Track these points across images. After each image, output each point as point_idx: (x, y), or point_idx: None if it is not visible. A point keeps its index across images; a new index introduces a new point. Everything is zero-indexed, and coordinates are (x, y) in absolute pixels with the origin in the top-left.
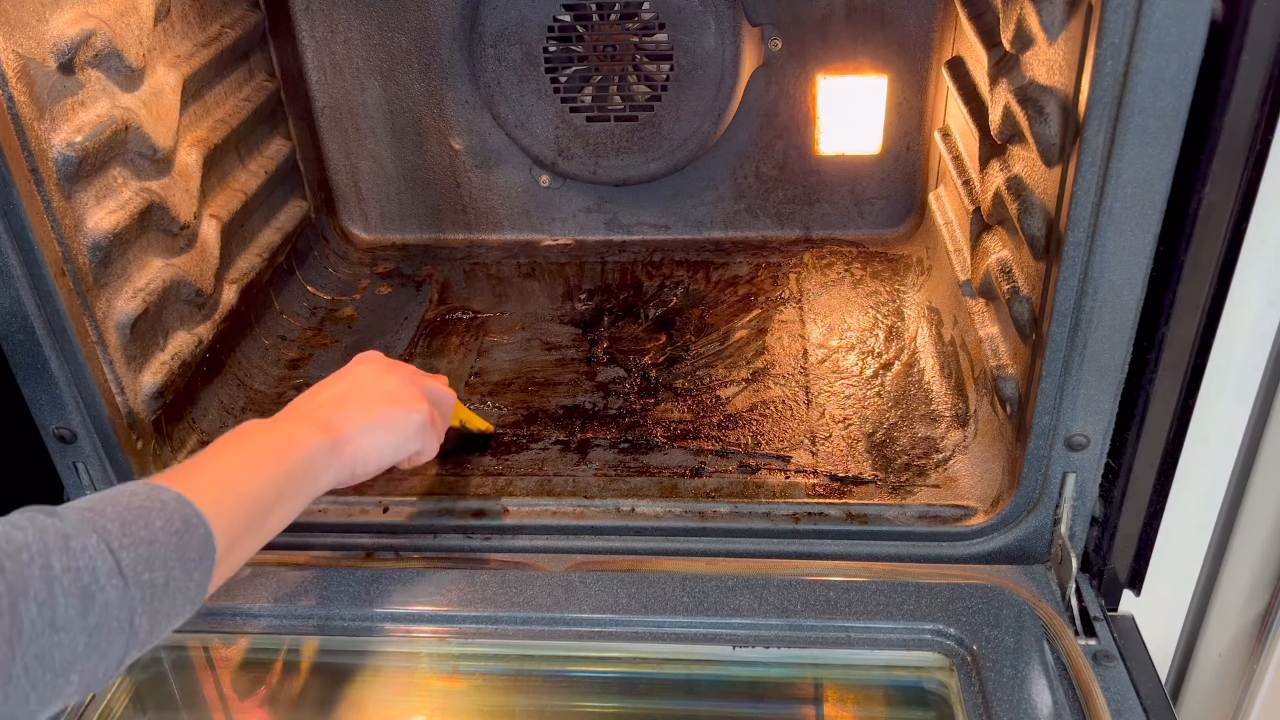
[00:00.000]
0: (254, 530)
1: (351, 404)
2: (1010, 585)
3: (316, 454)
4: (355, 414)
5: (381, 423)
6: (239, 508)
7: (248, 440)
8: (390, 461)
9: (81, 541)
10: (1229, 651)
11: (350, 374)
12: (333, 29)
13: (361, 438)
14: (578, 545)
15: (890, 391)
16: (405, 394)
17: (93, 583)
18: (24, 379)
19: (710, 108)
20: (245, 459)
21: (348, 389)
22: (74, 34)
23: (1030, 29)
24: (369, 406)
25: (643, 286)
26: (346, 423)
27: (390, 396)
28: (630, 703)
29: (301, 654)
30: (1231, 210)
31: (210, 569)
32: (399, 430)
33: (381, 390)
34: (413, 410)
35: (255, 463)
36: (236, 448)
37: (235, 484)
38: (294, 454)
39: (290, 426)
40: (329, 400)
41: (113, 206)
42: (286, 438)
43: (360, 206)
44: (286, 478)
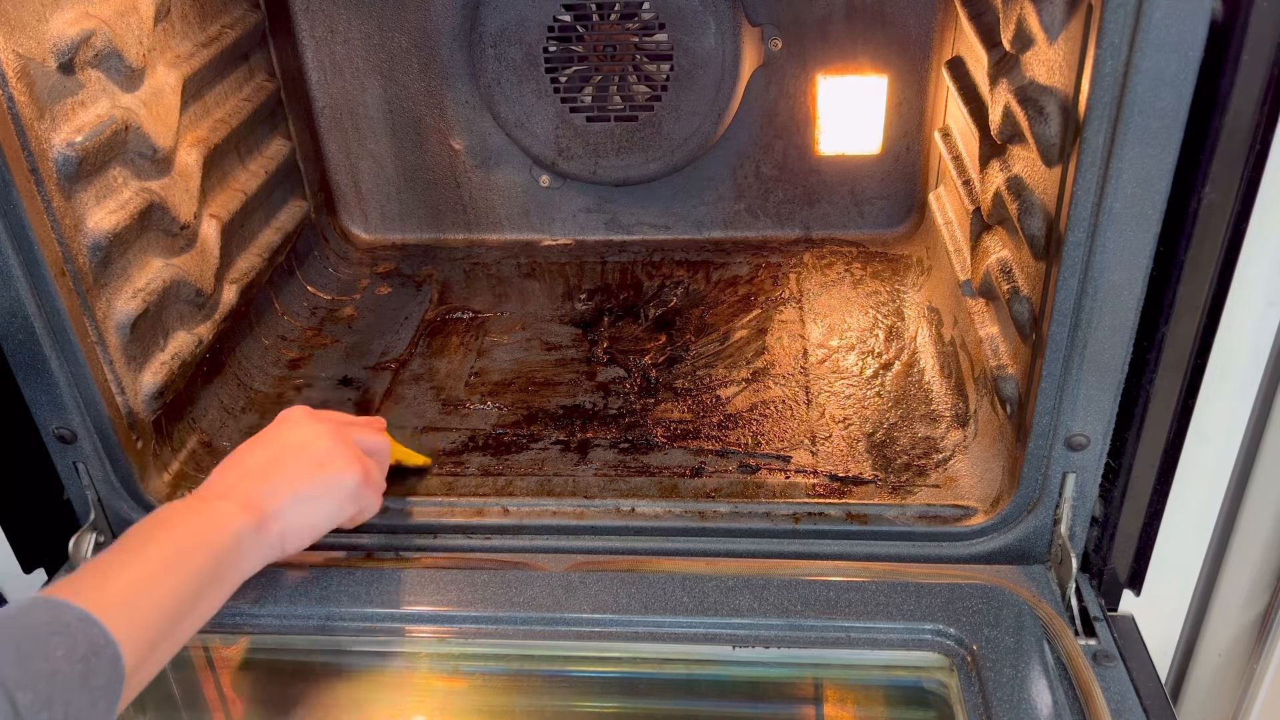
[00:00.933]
0: (171, 636)
1: (277, 475)
2: (1010, 585)
3: (242, 538)
4: (282, 486)
5: (312, 492)
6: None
7: (167, 530)
8: (325, 530)
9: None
10: (1229, 651)
11: (275, 438)
12: (333, 29)
13: (290, 512)
14: (578, 545)
15: (890, 391)
16: (336, 455)
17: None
18: (24, 379)
19: (710, 108)
20: (164, 555)
21: (273, 456)
22: (74, 34)
23: (1030, 29)
24: (297, 476)
25: (643, 286)
26: (274, 497)
27: (320, 461)
28: (630, 703)
29: (301, 654)
30: (1231, 210)
31: (118, 694)
32: (332, 497)
33: (310, 456)
34: (346, 473)
35: (175, 558)
36: (154, 541)
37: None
38: (218, 541)
39: (213, 508)
40: (253, 471)
41: (113, 206)
42: (209, 524)
43: (360, 206)
44: (210, 571)
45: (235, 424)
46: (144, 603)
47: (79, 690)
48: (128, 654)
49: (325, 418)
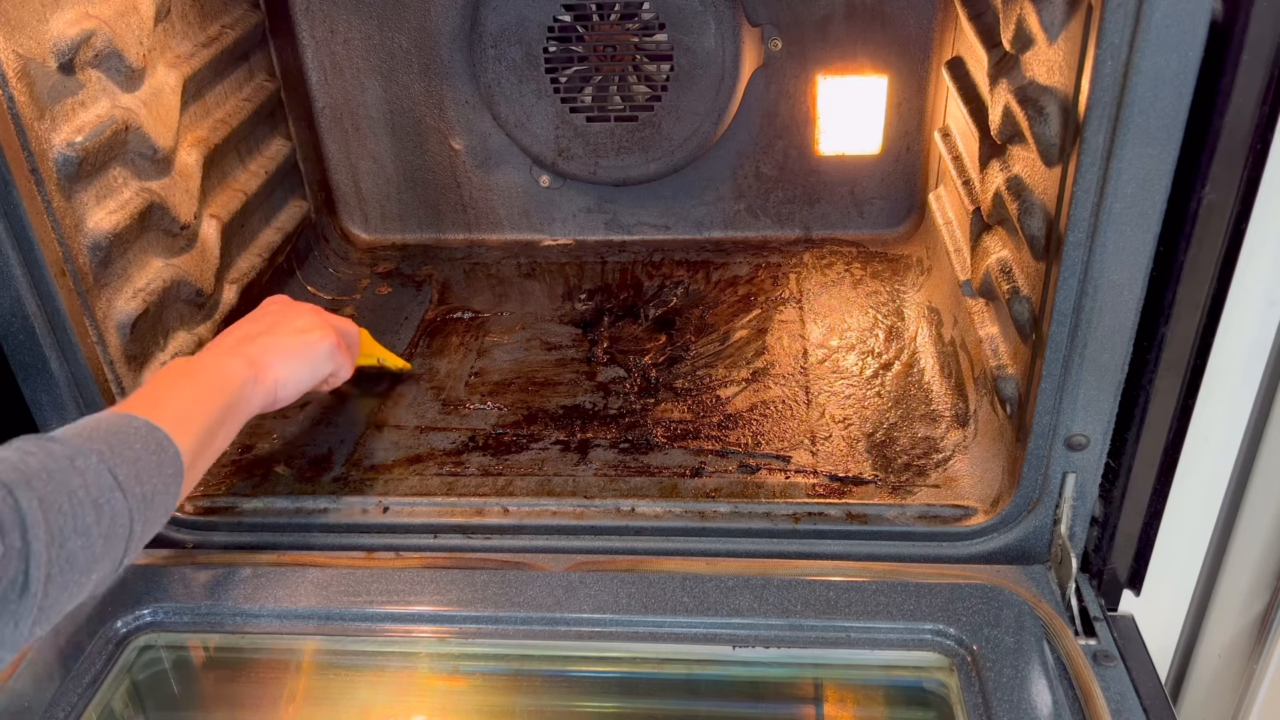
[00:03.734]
0: (205, 452)
1: (268, 338)
2: (1010, 585)
3: (246, 385)
4: (272, 347)
5: (296, 352)
6: (194, 434)
7: (189, 376)
8: (308, 384)
9: (85, 461)
10: (1229, 651)
11: (264, 314)
12: (333, 29)
13: (280, 367)
14: (578, 545)
15: (890, 391)
16: (312, 325)
17: (100, 495)
18: (24, 379)
19: (710, 108)
20: (192, 393)
21: (263, 327)
22: (74, 34)
23: (1030, 29)
24: (283, 340)
25: (643, 286)
26: (265, 354)
27: (301, 329)
28: (630, 703)
29: (301, 654)
30: (1231, 210)
31: (181, 483)
32: (312, 356)
33: (293, 325)
34: (322, 338)
35: (200, 396)
36: (181, 382)
37: (188, 414)
38: (229, 386)
39: (220, 361)
40: (246, 337)
41: (113, 206)
42: (220, 372)
43: (360, 206)
44: (226, 408)
45: None
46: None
47: (157, 473)
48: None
49: (303, 303)
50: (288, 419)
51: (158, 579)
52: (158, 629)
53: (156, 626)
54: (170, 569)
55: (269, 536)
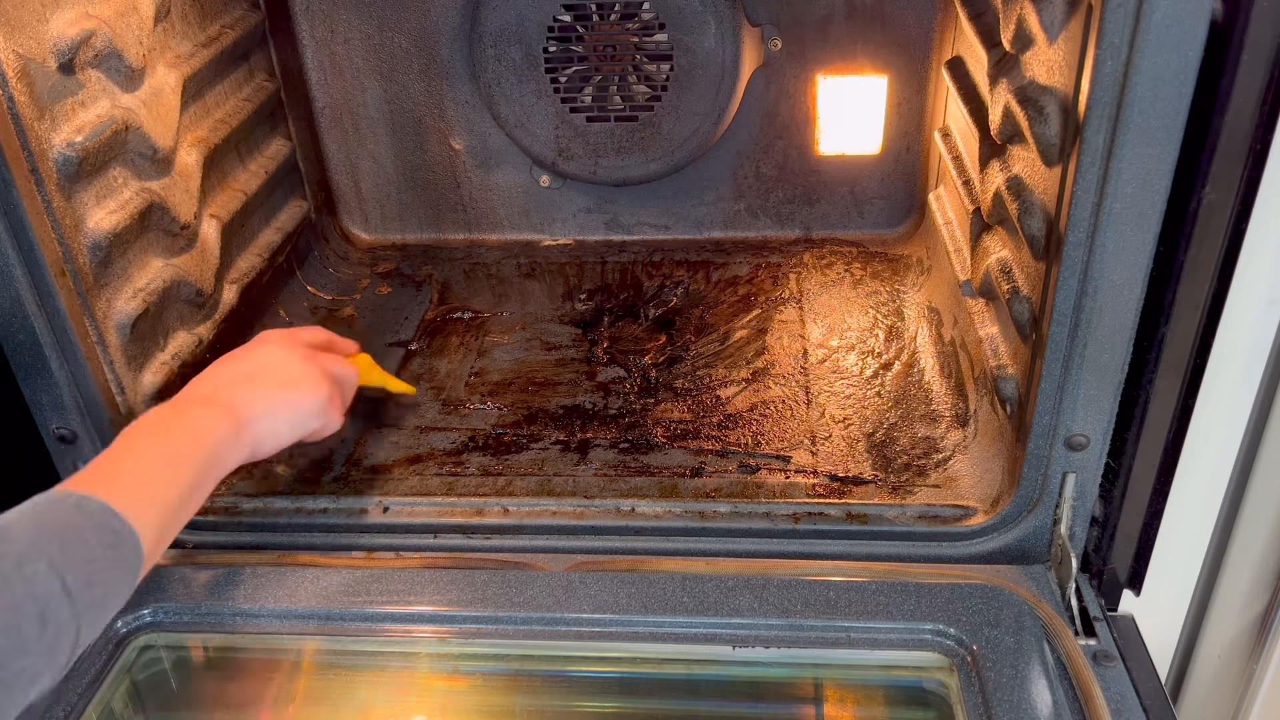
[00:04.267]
0: (173, 525)
1: (251, 387)
2: (1010, 585)
3: (223, 441)
4: (256, 398)
5: (281, 407)
6: (160, 507)
7: (159, 433)
8: (288, 442)
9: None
10: (1229, 651)
11: (252, 355)
12: (333, 29)
13: (261, 422)
14: (578, 545)
15: (890, 391)
16: (304, 377)
17: (46, 608)
18: (24, 379)
19: (710, 108)
20: (160, 455)
21: (249, 371)
22: (74, 34)
23: (1030, 29)
24: (269, 391)
25: (643, 286)
26: (248, 407)
27: (290, 381)
28: (630, 703)
29: (301, 654)
30: (1231, 210)
31: (139, 573)
32: (297, 413)
33: (282, 375)
34: (312, 393)
35: (171, 458)
36: (149, 441)
37: (154, 484)
38: (205, 443)
39: (197, 413)
40: (231, 381)
41: (113, 206)
42: (195, 427)
43: (360, 206)
44: (199, 470)
45: None
46: (149, 497)
47: (112, 571)
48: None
49: (299, 341)
50: None
51: (158, 579)
52: (158, 629)
53: (156, 626)
54: (170, 569)
55: (269, 536)
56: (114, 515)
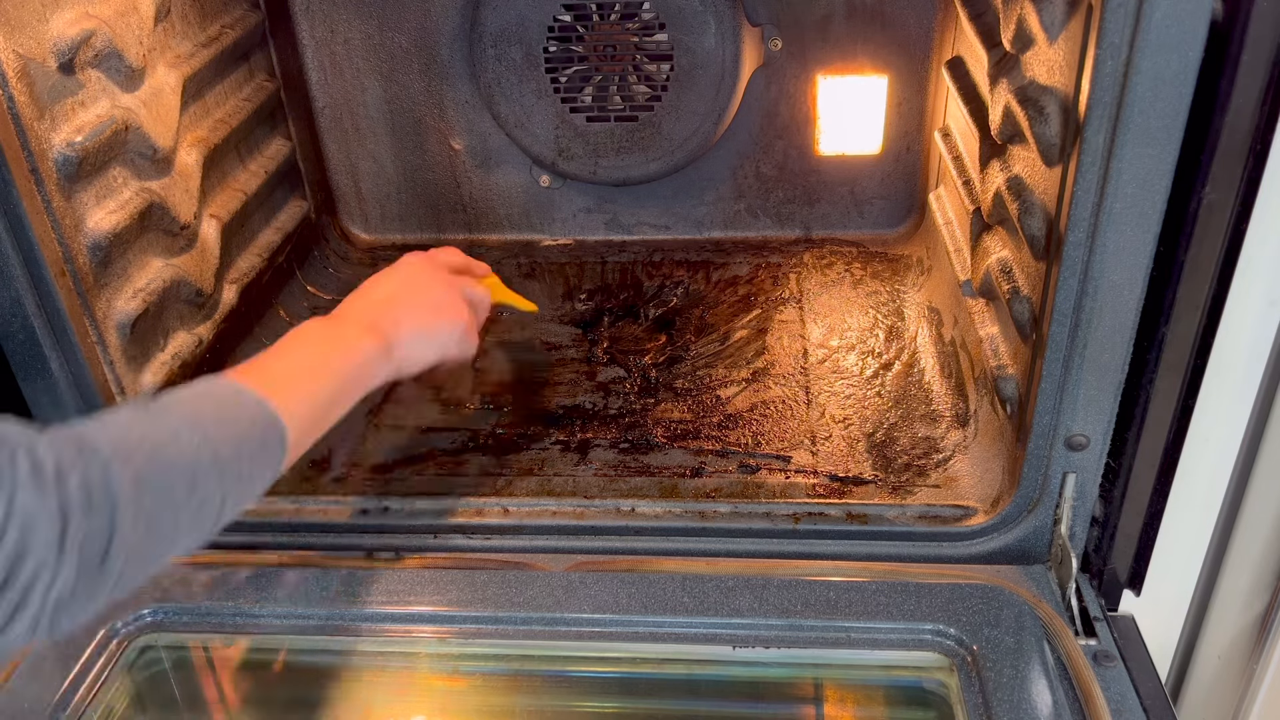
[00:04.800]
0: (317, 426)
1: (401, 309)
2: (1010, 585)
3: (372, 357)
4: (405, 320)
5: (427, 330)
6: (306, 407)
7: (313, 341)
8: (431, 364)
9: (188, 438)
10: (1229, 651)
11: (398, 276)
12: (333, 29)
13: (409, 343)
14: (578, 545)
15: (890, 391)
16: (448, 303)
17: (196, 475)
18: (24, 379)
19: (710, 108)
20: (312, 360)
21: (396, 293)
22: (74, 34)
23: (1030, 29)
24: (417, 314)
25: (643, 286)
26: (397, 329)
27: (436, 306)
28: (630, 703)
29: (301, 654)
30: (1231, 210)
31: (281, 463)
32: (442, 338)
33: (428, 299)
34: (455, 320)
35: (321, 364)
36: (303, 347)
37: (304, 385)
38: (354, 357)
39: (350, 329)
40: (381, 302)
41: (113, 206)
42: (348, 341)
43: (360, 206)
44: (346, 379)
45: None
46: (299, 396)
47: (259, 454)
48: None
49: (440, 265)
50: None
51: (158, 579)
52: (158, 629)
53: (156, 626)
54: (170, 569)
55: (269, 536)
56: (266, 407)
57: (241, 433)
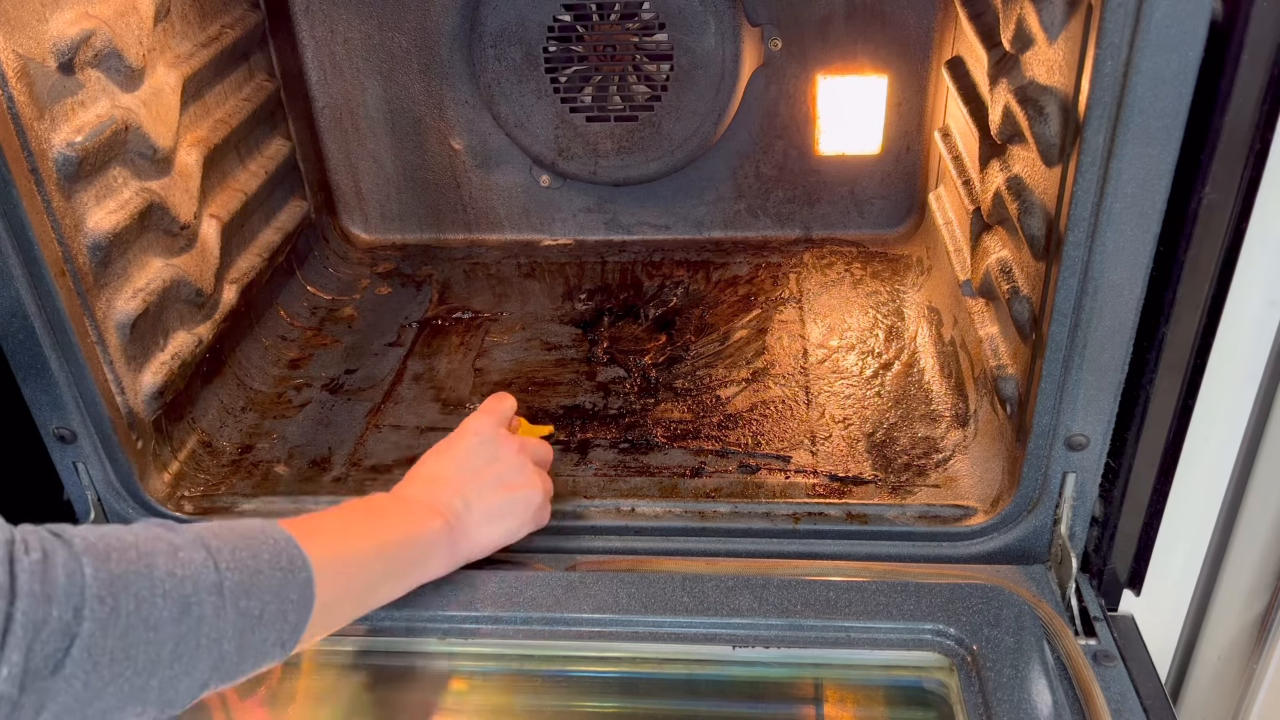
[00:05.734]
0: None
1: (471, 490)
2: (1010, 585)
3: (434, 542)
4: (476, 502)
5: (501, 513)
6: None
7: (372, 511)
8: (501, 546)
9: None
10: (1229, 652)
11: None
12: (333, 29)
13: (479, 529)
14: (578, 545)
15: (890, 391)
16: (523, 478)
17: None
18: (24, 379)
19: (710, 108)
20: (364, 527)
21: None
22: (74, 34)
23: (1030, 29)
24: (487, 494)
25: (643, 286)
26: (467, 512)
27: (508, 482)
28: (630, 703)
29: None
30: (1232, 210)
31: (307, 617)
32: (516, 517)
33: (499, 475)
34: (531, 493)
35: (373, 533)
36: (360, 514)
37: (348, 547)
38: (416, 537)
39: (415, 507)
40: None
41: (113, 206)
42: (411, 518)
43: (360, 206)
44: (398, 557)
45: (235, 424)
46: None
47: (275, 594)
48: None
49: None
50: (287, 419)
51: None
52: None
53: None
54: None
55: None
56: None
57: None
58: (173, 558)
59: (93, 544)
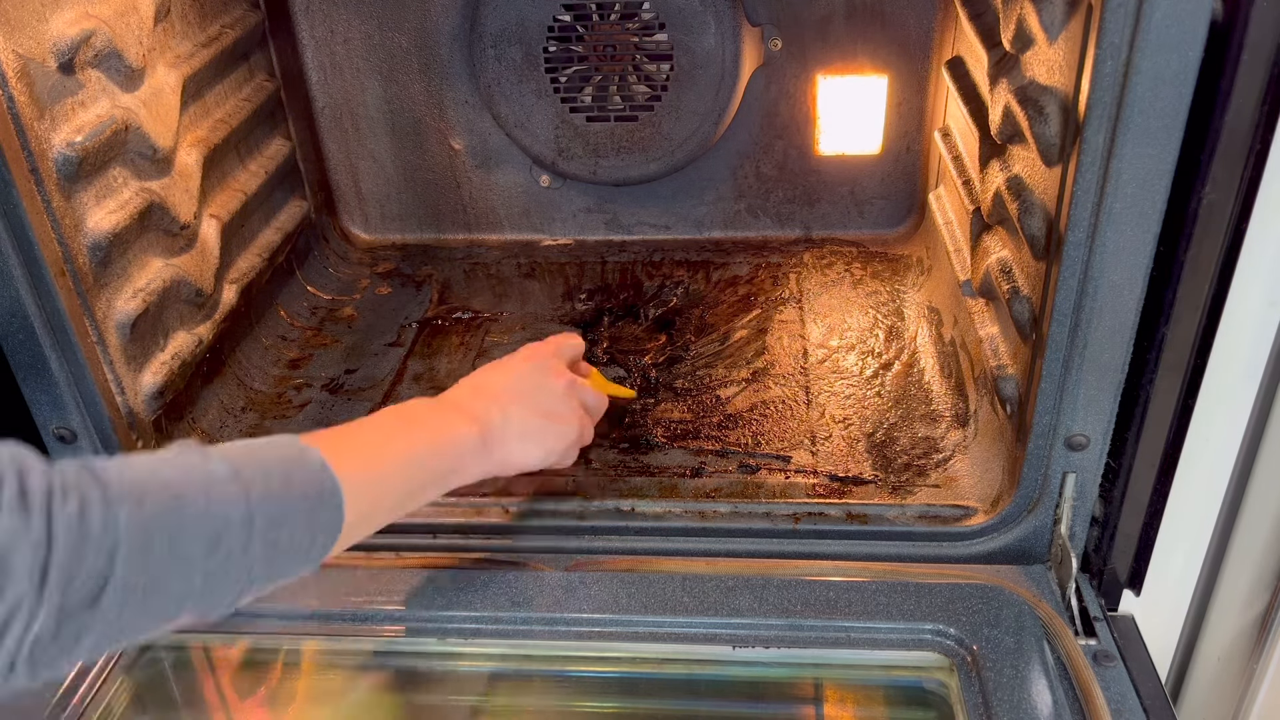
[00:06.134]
0: (386, 509)
1: (514, 407)
2: (1010, 585)
3: (469, 449)
4: (515, 419)
5: (536, 435)
6: (378, 486)
7: (409, 421)
8: (532, 468)
9: (222, 490)
10: (1229, 652)
11: (519, 370)
12: (333, 29)
13: (514, 444)
14: (578, 545)
15: (890, 391)
16: (564, 412)
17: (224, 529)
18: (24, 379)
19: (710, 108)
20: (398, 440)
21: (513, 387)
22: (74, 34)
23: (1030, 29)
24: (527, 415)
25: (643, 286)
26: (503, 427)
27: (550, 410)
28: (630, 703)
29: (302, 654)
30: (1231, 210)
31: (333, 540)
32: (550, 445)
33: (544, 401)
34: (568, 429)
35: (408, 444)
36: (396, 423)
37: (382, 462)
38: (448, 445)
39: (450, 417)
40: (492, 393)
41: (113, 206)
42: (446, 429)
43: (360, 206)
44: (433, 469)
45: (235, 424)
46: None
47: (304, 523)
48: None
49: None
50: (287, 419)
51: None
52: None
53: None
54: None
55: None
56: (329, 473)
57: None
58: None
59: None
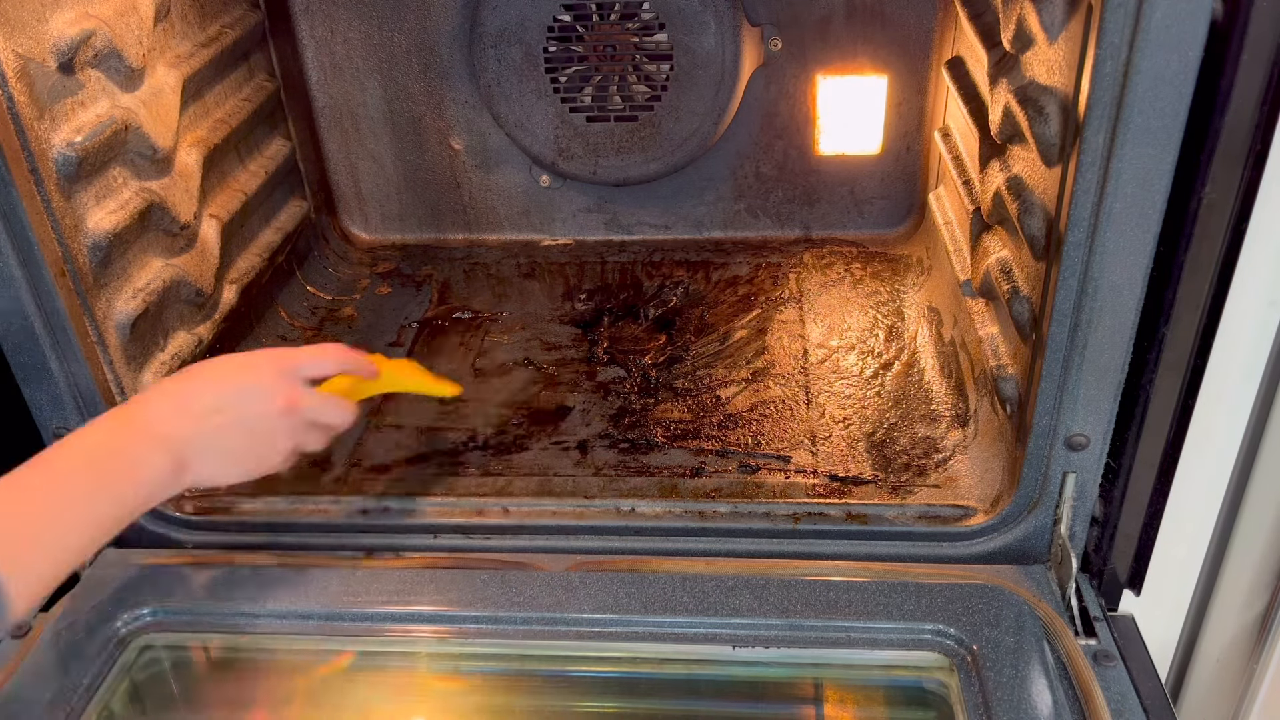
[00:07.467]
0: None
1: (217, 430)
2: (1010, 585)
3: (160, 481)
4: (216, 442)
5: (238, 456)
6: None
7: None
8: (234, 483)
9: None
10: (1229, 652)
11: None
12: (333, 29)
13: (213, 466)
14: (578, 545)
15: (890, 391)
16: (275, 431)
17: None
18: (24, 379)
19: (710, 108)
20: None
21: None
22: (74, 34)
23: (1030, 29)
24: (232, 438)
25: (643, 286)
26: (204, 450)
27: (258, 432)
28: (630, 703)
29: (301, 654)
30: (1231, 210)
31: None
32: (250, 466)
33: (254, 424)
34: (272, 453)
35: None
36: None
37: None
38: (139, 485)
39: (143, 448)
40: (197, 414)
41: (113, 206)
42: (136, 462)
43: (360, 206)
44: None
45: None
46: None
47: None
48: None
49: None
50: None
51: (158, 579)
52: (158, 629)
53: (156, 626)
54: (170, 569)
55: (269, 536)
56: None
57: None
58: None
59: None
